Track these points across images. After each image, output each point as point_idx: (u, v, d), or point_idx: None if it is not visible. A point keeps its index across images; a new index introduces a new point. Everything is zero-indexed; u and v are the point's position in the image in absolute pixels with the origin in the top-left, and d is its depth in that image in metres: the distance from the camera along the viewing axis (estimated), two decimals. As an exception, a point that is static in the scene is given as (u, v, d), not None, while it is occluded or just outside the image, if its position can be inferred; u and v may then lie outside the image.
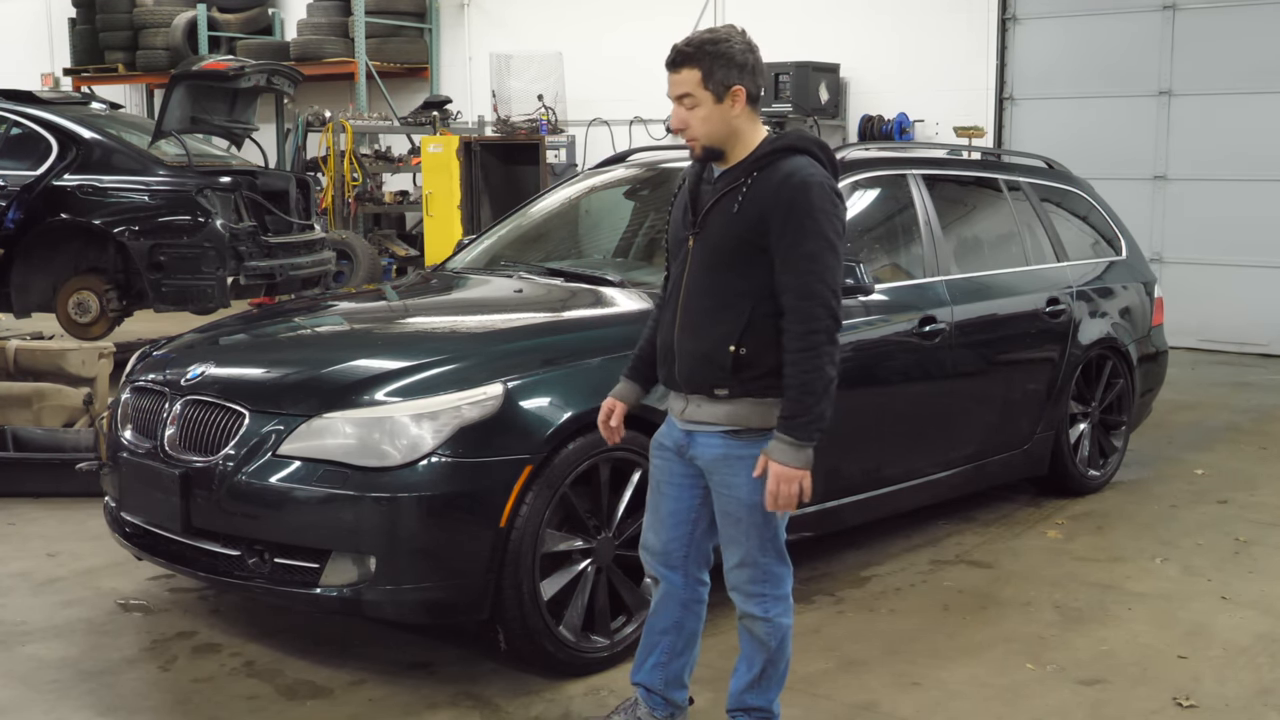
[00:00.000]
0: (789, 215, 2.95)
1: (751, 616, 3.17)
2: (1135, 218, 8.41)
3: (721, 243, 3.04)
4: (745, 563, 3.13)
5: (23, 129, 8.49)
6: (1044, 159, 6.61)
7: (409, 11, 15.58)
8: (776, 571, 3.15)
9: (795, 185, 2.96)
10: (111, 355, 7.04)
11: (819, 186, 2.97)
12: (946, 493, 5.38)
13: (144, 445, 4.08)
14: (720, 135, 3.04)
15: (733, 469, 3.08)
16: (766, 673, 3.23)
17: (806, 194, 2.95)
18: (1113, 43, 11.11)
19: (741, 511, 3.09)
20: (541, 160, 12.14)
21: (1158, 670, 4.01)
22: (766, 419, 3.03)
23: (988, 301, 5.41)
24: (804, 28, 12.23)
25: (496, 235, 5.67)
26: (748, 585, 3.15)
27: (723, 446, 3.08)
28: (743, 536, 3.11)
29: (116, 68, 16.45)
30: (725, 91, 3.00)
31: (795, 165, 2.99)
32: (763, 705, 3.27)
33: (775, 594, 3.16)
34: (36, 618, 4.35)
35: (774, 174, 2.99)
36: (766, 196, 2.97)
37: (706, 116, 3.02)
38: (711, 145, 3.06)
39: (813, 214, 2.94)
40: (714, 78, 2.99)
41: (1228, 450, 7.09)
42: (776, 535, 3.14)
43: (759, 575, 3.14)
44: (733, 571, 3.17)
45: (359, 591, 3.60)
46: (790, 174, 2.97)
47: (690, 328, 3.09)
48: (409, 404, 3.68)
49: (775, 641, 3.18)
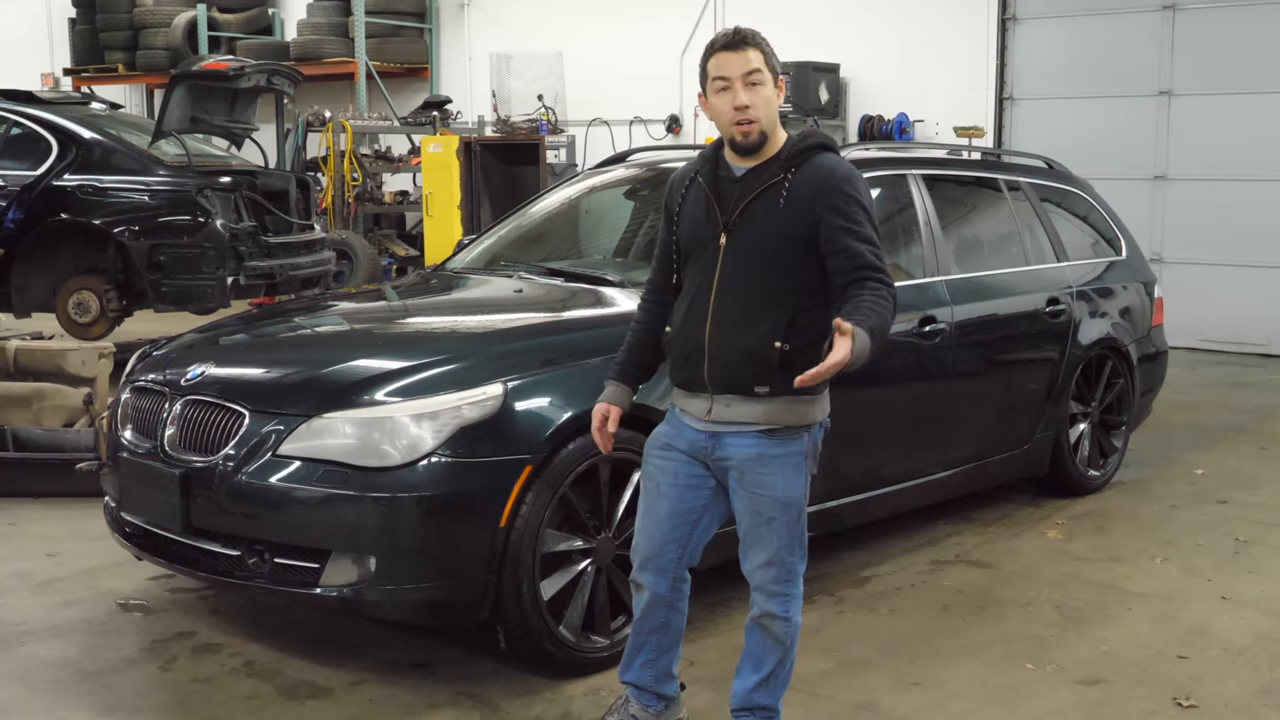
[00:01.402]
0: (844, 206, 3.01)
1: (772, 616, 3.17)
2: (1135, 218, 8.40)
3: (764, 239, 3.06)
4: (773, 562, 3.13)
5: (23, 129, 8.49)
6: (1044, 159, 6.61)
7: (409, 11, 15.58)
8: (797, 568, 3.17)
9: (842, 178, 3.05)
10: (111, 355, 7.04)
11: (862, 180, 3.10)
12: (946, 493, 5.38)
13: (144, 445, 4.08)
14: (772, 120, 3.09)
15: (767, 468, 3.08)
16: (776, 672, 3.23)
17: (855, 185, 3.06)
18: (1113, 43, 11.11)
19: (775, 510, 3.09)
20: (541, 160, 12.14)
21: (1158, 670, 4.01)
22: (802, 416, 3.06)
23: (988, 301, 5.41)
24: (804, 28, 12.23)
25: (496, 235, 5.67)
26: (772, 585, 3.15)
27: (757, 446, 3.08)
28: (774, 536, 3.11)
29: (116, 68, 16.45)
30: (777, 77, 3.10)
31: (835, 161, 3.10)
32: (770, 704, 3.27)
33: (795, 592, 3.18)
34: (36, 618, 4.35)
35: (815, 169, 3.06)
36: (813, 190, 3.03)
37: (769, 98, 3.07)
38: (766, 130, 3.08)
39: (863, 204, 3.05)
40: (770, 63, 3.07)
41: (1228, 450, 7.08)
42: (804, 533, 3.16)
43: (784, 574, 3.15)
44: (758, 570, 3.16)
45: (359, 591, 3.60)
46: (834, 168, 3.07)
47: (730, 325, 3.06)
48: (409, 404, 3.68)
49: (790, 640, 3.20)
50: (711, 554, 4.13)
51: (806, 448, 3.11)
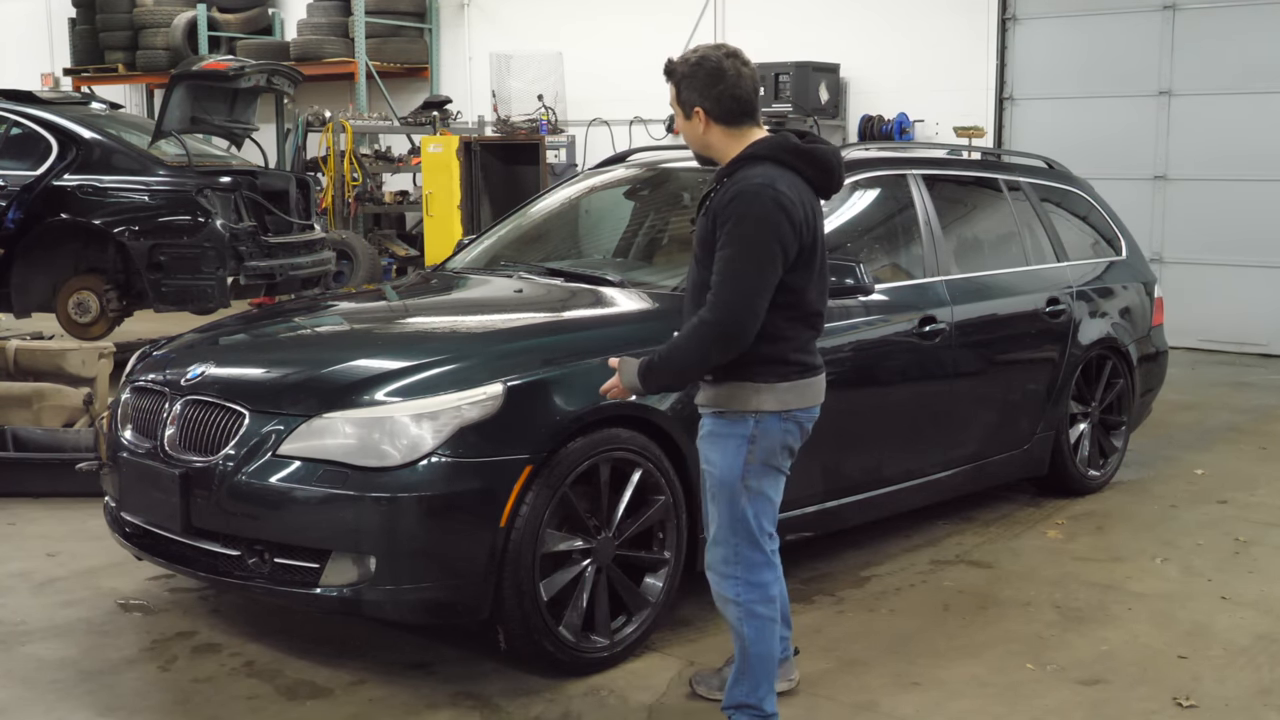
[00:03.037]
0: (723, 221, 3.15)
1: (723, 598, 3.34)
2: (1135, 218, 8.41)
3: (698, 242, 3.30)
4: (718, 540, 3.34)
5: (23, 129, 8.48)
6: (1044, 159, 6.61)
7: (409, 11, 15.58)
8: (749, 555, 3.30)
9: (735, 193, 3.16)
10: (111, 355, 7.04)
11: (754, 195, 3.12)
12: (946, 493, 5.38)
13: (144, 445, 4.08)
14: (697, 147, 3.36)
15: (712, 445, 3.30)
16: (743, 664, 3.34)
17: (736, 203, 3.14)
18: (1113, 43, 11.11)
19: (715, 487, 3.30)
20: (541, 160, 12.14)
21: (1158, 670, 4.01)
22: (746, 401, 3.23)
23: (988, 301, 5.42)
24: (804, 28, 12.22)
25: (496, 235, 5.67)
26: (721, 565, 3.33)
27: (709, 424, 3.33)
28: (716, 513, 3.32)
29: (116, 68, 16.44)
30: (690, 111, 3.28)
31: (748, 174, 3.18)
32: (748, 701, 3.34)
33: (749, 579, 3.30)
34: (36, 618, 4.35)
35: (733, 181, 3.20)
36: (720, 203, 3.20)
37: (682, 128, 3.35)
38: (698, 153, 3.38)
39: (739, 220, 3.12)
40: (680, 98, 3.29)
41: (1228, 450, 7.08)
42: (745, 518, 3.28)
43: (731, 555, 3.31)
44: (709, 549, 3.38)
45: (359, 591, 3.60)
46: (738, 181, 3.18)
47: (689, 317, 3.29)
48: (409, 404, 3.68)
49: (750, 631, 3.30)
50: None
51: (749, 431, 3.24)
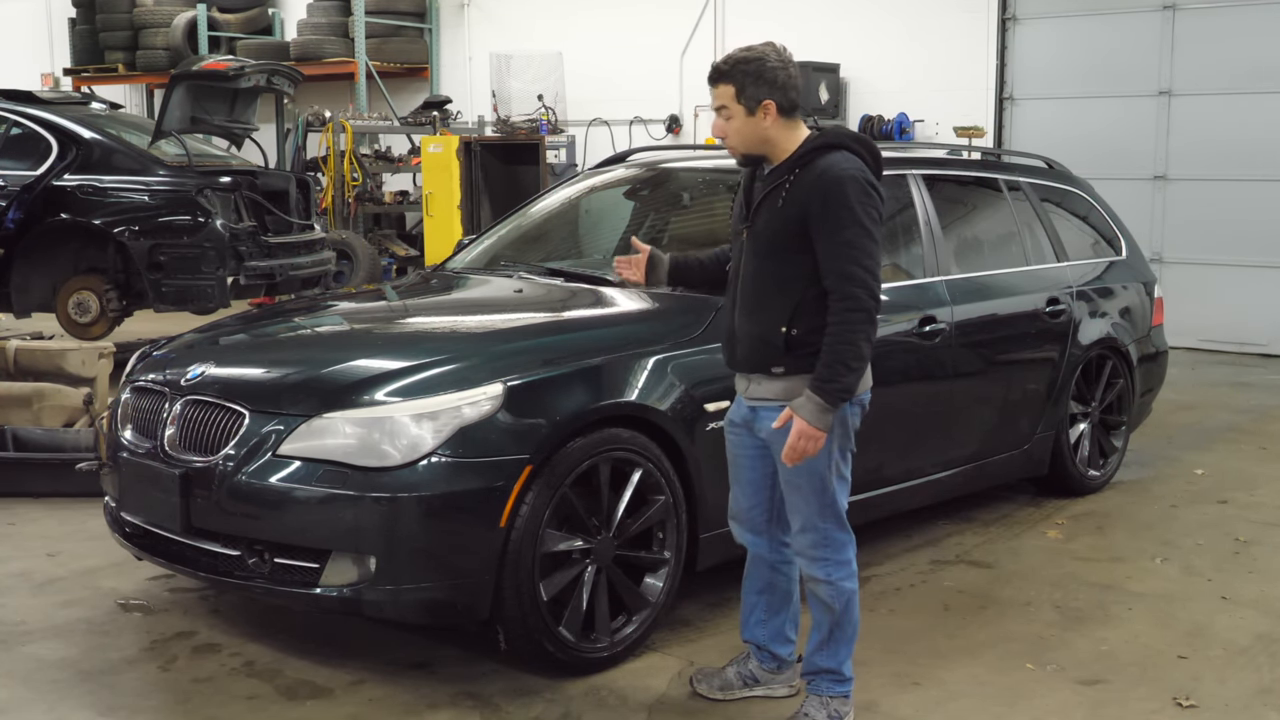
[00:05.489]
0: (826, 206, 3.23)
1: (815, 579, 3.45)
2: (1135, 218, 8.41)
3: (770, 234, 3.34)
4: (806, 528, 3.42)
5: (23, 129, 8.48)
6: (1044, 159, 6.61)
7: (409, 11, 15.58)
8: (837, 537, 3.42)
9: (830, 179, 3.24)
10: (111, 355, 7.04)
11: (851, 179, 3.24)
12: (946, 493, 5.38)
13: (144, 445, 4.08)
14: (754, 144, 3.37)
15: None
16: (834, 635, 3.48)
17: (840, 187, 3.23)
18: (1113, 43, 11.11)
19: (801, 478, 3.36)
20: (541, 160, 12.15)
21: (1158, 670, 4.01)
22: None
23: (988, 301, 5.41)
24: (804, 28, 12.22)
25: (496, 235, 5.67)
26: (810, 550, 3.43)
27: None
28: (803, 503, 3.40)
29: (116, 68, 16.45)
30: (756, 106, 3.31)
31: (830, 161, 3.28)
32: (832, 667, 3.50)
33: (837, 559, 3.43)
34: (36, 618, 4.35)
35: (812, 170, 3.28)
36: (805, 191, 3.26)
37: (739, 128, 3.35)
38: (748, 153, 3.40)
39: (848, 204, 3.22)
40: (745, 93, 3.31)
41: (1228, 450, 7.08)
42: (835, 502, 3.40)
43: (820, 540, 3.41)
44: (797, 537, 3.46)
45: (359, 591, 3.60)
46: (825, 169, 3.26)
47: (747, 312, 3.40)
48: (409, 404, 3.68)
49: (840, 604, 3.44)
50: (713, 554, 4.17)
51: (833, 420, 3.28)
